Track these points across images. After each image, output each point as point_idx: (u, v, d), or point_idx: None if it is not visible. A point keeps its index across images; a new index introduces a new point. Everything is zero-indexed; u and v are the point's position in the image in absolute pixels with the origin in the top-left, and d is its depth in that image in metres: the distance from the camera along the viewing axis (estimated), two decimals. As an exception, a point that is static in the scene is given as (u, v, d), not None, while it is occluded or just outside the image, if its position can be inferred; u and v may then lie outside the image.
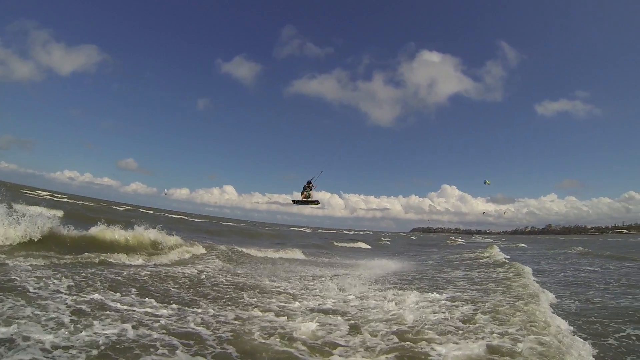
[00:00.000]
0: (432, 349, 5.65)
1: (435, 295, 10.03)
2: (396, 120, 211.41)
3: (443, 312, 7.86)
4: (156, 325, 6.02)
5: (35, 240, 11.20)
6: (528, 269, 15.35)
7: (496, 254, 27.61)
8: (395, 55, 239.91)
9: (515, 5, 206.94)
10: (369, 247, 38.11)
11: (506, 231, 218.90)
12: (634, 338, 6.43)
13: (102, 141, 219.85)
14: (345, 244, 35.57)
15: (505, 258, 23.75)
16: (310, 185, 15.50)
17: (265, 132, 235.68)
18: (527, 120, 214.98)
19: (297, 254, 20.75)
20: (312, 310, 7.98)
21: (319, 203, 16.13)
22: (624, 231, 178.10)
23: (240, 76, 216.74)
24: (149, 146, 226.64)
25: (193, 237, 27.78)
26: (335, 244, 33.88)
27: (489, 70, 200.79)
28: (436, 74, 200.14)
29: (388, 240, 58.67)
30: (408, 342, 5.87)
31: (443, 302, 9.07)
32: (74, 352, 4.67)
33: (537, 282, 12.24)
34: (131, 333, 5.51)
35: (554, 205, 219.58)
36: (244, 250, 19.05)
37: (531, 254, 31.91)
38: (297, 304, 8.54)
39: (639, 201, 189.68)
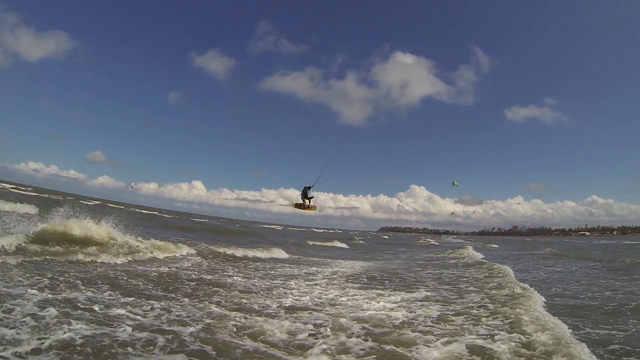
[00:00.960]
0: (411, 350, 5.74)
1: (414, 294, 10.31)
2: (367, 120, 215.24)
3: (423, 312, 8.09)
4: (133, 323, 5.98)
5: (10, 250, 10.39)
6: (509, 269, 15.75)
7: (472, 254, 28.60)
8: (370, 56, 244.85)
9: (490, 12, 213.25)
10: (345, 246, 38.39)
11: (473, 232, 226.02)
12: (593, 335, 6.84)
13: (69, 132, 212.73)
14: (322, 243, 35.68)
15: (483, 258, 24.76)
16: (309, 189, 16.66)
17: (235, 127, 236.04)
18: (496, 124, 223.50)
19: (279, 253, 20.62)
20: (288, 309, 8.08)
21: (316, 209, 17.50)
22: (587, 233, 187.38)
23: (213, 70, 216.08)
24: (117, 139, 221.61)
25: (166, 234, 27.25)
26: (312, 242, 33.92)
27: (461, 74, 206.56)
28: (409, 75, 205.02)
29: (362, 240, 59.43)
30: (386, 344, 5.97)
31: (422, 302, 9.34)
32: (50, 354, 4.58)
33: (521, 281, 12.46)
34: (108, 331, 5.45)
35: (520, 208, 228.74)
36: (221, 248, 18.84)
37: (504, 254, 33.03)
38: (273, 302, 8.61)
39: (601, 205, 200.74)
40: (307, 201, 17.54)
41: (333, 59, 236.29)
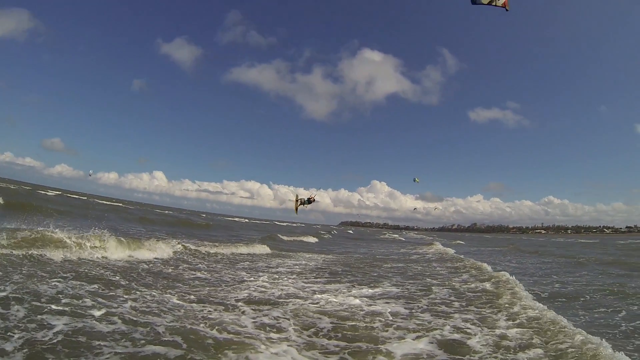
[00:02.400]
0: (379, 346, 5.87)
1: (388, 289, 10.63)
2: (331, 115, 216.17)
3: (398, 307, 8.41)
4: (105, 316, 6.01)
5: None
6: (485, 264, 16.14)
7: (444, 249, 29.73)
8: (337, 51, 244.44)
9: (459, 15, 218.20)
10: (316, 240, 38.73)
11: (433, 228, 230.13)
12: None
13: (26, 117, 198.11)
14: (294, 237, 35.83)
15: (455, 252, 26.08)
16: (311, 199, 17.57)
17: (199, 118, 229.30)
18: (459, 124, 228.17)
19: (256, 248, 20.29)
20: (260, 302, 8.24)
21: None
22: (543, 231, 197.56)
23: (179, 59, 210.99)
24: (77, 126, 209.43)
25: (134, 227, 26.51)
26: (284, 237, 34.00)
27: (428, 74, 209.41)
28: (376, 72, 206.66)
29: (329, 234, 59.64)
30: (356, 339, 6.12)
31: (398, 296, 9.68)
32: (18, 355, 4.53)
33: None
34: (81, 325, 5.49)
35: (479, 205, 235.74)
36: (196, 242, 18.55)
37: (472, 250, 34.20)
38: (245, 295, 8.77)
39: (556, 205, 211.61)
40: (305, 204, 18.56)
41: (300, 52, 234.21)
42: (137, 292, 7.97)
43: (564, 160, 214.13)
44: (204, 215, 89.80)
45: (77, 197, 66.91)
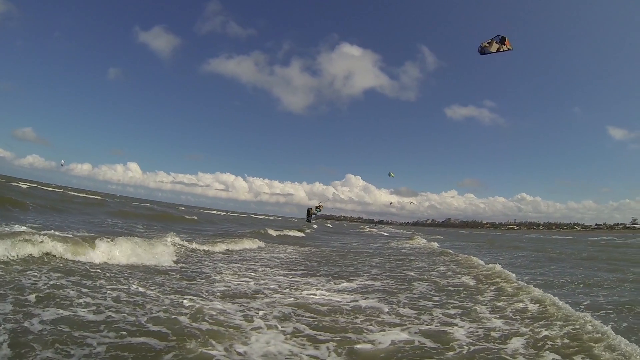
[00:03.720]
0: (365, 336, 6.01)
1: (372, 282, 10.89)
2: (308, 108, 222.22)
3: (386, 300, 8.61)
4: (89, 307, 6.12)
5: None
6: (475, 257, 16.63)
7: (429, 244, 30.55)
8: (317, 44, 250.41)
9: (440, 13, 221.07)
10: (301, 234, 39.06)
11: (408, 222, 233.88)
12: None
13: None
14: (281, 232, 36.05)
15: (438, 246, 27.06)
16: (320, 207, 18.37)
17: (175, 109, 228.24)
18: (436, 121, 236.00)
19: (251, 243, 20.44)
20: (239, 295, 8.36)
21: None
22: (515, 227, 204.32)
23: (157, 48, 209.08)
24: (50, 115, 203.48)
25: (118, 222, 26.01)
26: (272, 231, 34.19)
27: (406, 70, 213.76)
28: (354, 67, 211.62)
29: (312, 229, 60.00)
30: (340, 331, 6.22)
31: (381, 289, 9.95)
32: (15, 340, 4.65)
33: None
34: (66, 315, 5.61)
35: (454, 201, 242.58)
36: (187, 237, 18.55)
37: (453, 245, 34.92)
38: (225, 288, 8.95)
39: (529, 202, 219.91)
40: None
41: (279, 44, 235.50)
42: (125, 285, 8.01)
43: (538, 158, 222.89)
44: (183, 208, 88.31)
45: (52, 189, 64.80)
